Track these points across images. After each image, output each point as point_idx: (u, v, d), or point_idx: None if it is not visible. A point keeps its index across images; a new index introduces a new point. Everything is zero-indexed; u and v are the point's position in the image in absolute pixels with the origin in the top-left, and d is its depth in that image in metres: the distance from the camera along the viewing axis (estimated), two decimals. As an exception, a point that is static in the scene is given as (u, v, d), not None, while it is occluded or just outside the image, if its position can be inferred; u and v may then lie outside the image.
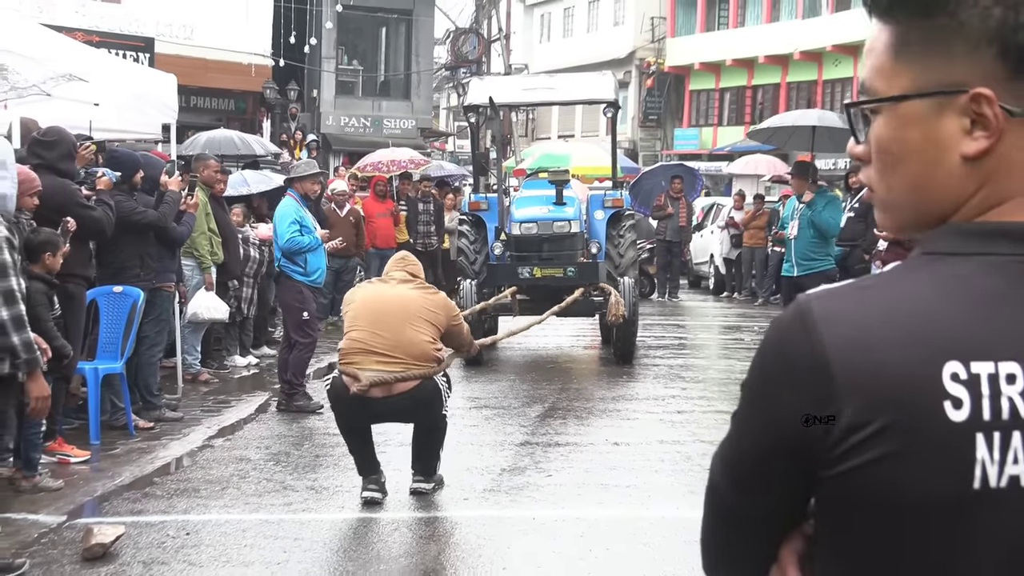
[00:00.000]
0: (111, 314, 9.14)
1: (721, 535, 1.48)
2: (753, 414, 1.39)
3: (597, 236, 13.60)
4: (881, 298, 1.32)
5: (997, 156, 1.32)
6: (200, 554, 6.30)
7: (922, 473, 1.26)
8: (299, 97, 31.96)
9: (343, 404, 7.18)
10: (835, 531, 1.34)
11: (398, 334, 7.04)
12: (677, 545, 6.46)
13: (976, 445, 1.26)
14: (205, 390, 11.42)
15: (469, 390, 11.58)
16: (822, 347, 1.30)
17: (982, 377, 1.26)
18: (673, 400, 11.14)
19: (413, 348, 7.05)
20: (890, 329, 1.29)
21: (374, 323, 7.09)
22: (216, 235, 11.57)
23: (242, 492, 7.67)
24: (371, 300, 7.25)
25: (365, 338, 7.07)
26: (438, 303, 7.31)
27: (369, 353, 7.04)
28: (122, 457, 8.54)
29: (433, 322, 7.18)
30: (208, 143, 17.08)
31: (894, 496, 1.27)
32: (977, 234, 1.32)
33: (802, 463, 1.33)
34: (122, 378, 9.25)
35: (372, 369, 7.00)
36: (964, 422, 1.26)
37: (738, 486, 1.42)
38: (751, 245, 21.92)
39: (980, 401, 1.26)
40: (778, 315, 1.40)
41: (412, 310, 7.14)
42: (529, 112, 45.97)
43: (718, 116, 44.17)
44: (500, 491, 7.67)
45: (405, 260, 7.64)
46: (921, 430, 1.26)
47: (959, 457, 1.26)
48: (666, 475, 8.12)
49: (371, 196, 18.33)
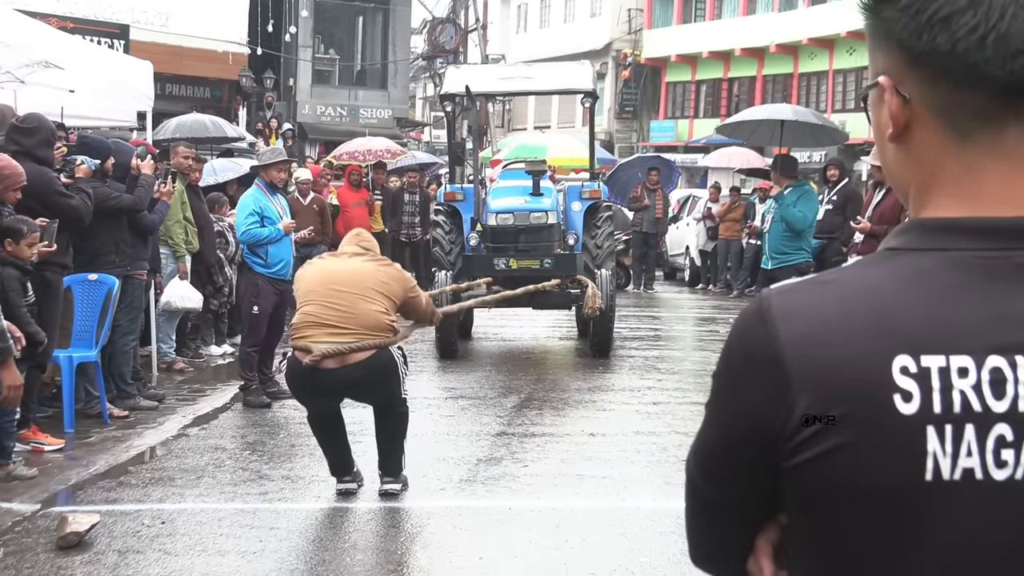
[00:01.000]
0: (86, 302, 9.09)
1: (701, 525, 1.50)
2: (720, 405, 1.43)
3: (574, 227, 13.45)
4: (839, 293, 1.34)
5: (916, 145, 1.39)
6: (175, 543, 6.29)
7: (875, 464, 1.28)
8: (275, 86, 31.87)
9: (297, 379, 7.03)
10: (801, 522, 1.37)
11: (351, 306, 6.88)
12: (653, 535, 6.48)
13: (927, 437, 1.27)
14: (180, 379, 11.39)
15: (445, 380, 11.58)
16: (778, 342, 1.33)
17: (932, 371, 1.28)
18: (649, 391, 11.16)
19: (367, 319, 6.88)
20: (844, 324, 1.31)
21: (326, 296, 6.92)
22: (191, 224, 11.52)
23: (217, 481, 7.65)
24: (323, 273, 7.07)
25: (317, 311, 6.90)
26: (392, 274, 7.13)
27: (321, 326, 6.87)
28: (97, 446, 8.50)
29: (388, 294, 7.00)
30: (179, 127, 16.96)
31: (849, 486, 1.30)
32: (937, 230, 1.35)
33: (765, 454, 1.36)
34: (96, 366, 9.21)
35: (325, 341, 6.83)
36: (914, 415, 1.27)
37: (709, 476, 1.45)
38: (727, 237, 21.99)
39: (930, 394, 1.27)
40: (743, 308, 1.45)
41: (366, 282, 6.96)
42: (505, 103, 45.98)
43: (694, 108, 44.25)
44: (476, 481, 7.67)
45: (359, 236, 7.45)
46: (872, 422, 1.28)
47: (910, 449, 1.28)
48: (642, 466, 8.14)
49: (345, 185, 18.25)
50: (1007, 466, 1.27)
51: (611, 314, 12.78)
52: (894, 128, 1.39)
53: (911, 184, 1.42)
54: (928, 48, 1.33)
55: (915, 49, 1.34)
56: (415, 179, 19.70)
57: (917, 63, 1.35)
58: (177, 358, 11.87)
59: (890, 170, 1.46)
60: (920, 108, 1.37)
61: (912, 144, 1.39)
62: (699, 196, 24.81)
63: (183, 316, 11.95)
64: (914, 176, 1.41)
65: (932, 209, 1.38)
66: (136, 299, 9.90)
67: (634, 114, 46.41)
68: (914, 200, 1.42)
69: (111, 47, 20.19)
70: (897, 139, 1.40)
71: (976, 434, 1.27)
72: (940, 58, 1.32)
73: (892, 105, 1.38)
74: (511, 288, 12.62)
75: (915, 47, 1.34)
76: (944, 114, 1.35)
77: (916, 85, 1.36)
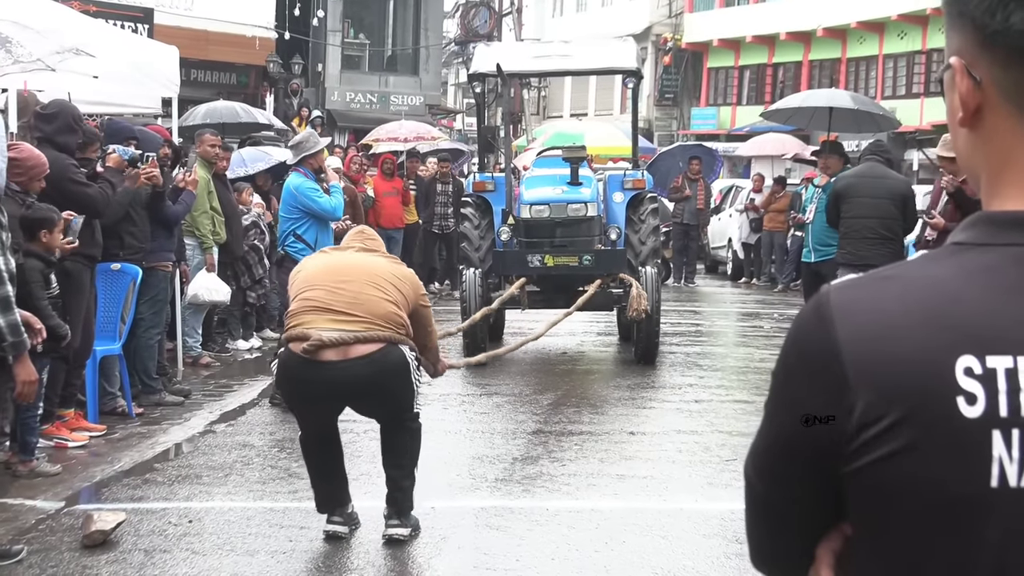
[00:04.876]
0: (108, 293, 9.12)
1: (759, 528, 1.49)
2: (776, 406, 1.42)
3: (616, 221, 12.65)
4: (901, 288, 1.33)
5: (987, 131, 1.37)
6: (203, 542, 6.33)
7: (937, 469, 1.27)
8: (303, 71, 31.93)
9: (291, 378, 6.16)
10: (864, 529, 1.36)
11: (359, 291, 6.05)
12: (695, 538, 6.47)
13: (992, 442, 1.26)
14: (206, 374, 11.46)
15: (478, 376, 11.58)
16: (835, 338, 1.32)
17: (999, 372, 1.26)
18: (690, 389, 11.14)
19: (377, 308, 6.02)
20: (905, 319, 1.30)
21: (331, 280, 6.12)
22: (219, 214, 11.57)
23: (245, 479, 7.69)
24: (327, 264, 6.35)
25: (319, 296, 6.07)
26: (406, 274, 6.38)
27: (323, 311, 6.02)
28: (121, 442, 8.57)
29: (400, 289, 6.17)
30: (208, 113, 17.02)
31: (911, 492, 1.28)
32: (1006, 223, 1.33)
33: (823, 456, 1.35)
34: (120, 360, 9.27)
35: (326, 328, 5.96)
36: (979, 418, 1.26)
37: (763, 476, 1.45)
38: (771, 229, 21.88)
39: (996, 397, 1.25)
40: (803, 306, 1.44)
41: (377, 272, 6.19)
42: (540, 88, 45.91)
43: (737, 95, 44.02)
44: (512, 481, 7.67)
45: (363, 233, 6.80)
46: (934, 425, 1.27)
47: (974, 454, 1.26)
48: (684, 466, 8.13)
49: (378, 174, 18.28)
50: None
51: (657, 316, 12.06)
52: (964, 112, 1.38)
53: (983, 172, 1.40)
54: (1001, 28, 1.32)
55: (988, 29, 1.33)
56: (447, 168, 19.64)
57: (990, 44, 1.33)
58: (203, 353, 11.94)
59: (962, 157, 1.45)
60: (992, 91, 1.35)
61: (983, 130, 1.38)
62: (742, 186, 24.72)
63: (210, 309, 12.02)
64: (985, 163, 1.39)
65: (1001, 200, 1.36)
66: (160, 291, 9.95)
67: (674, 101, 46.22)
68: (985, 189, 1.40)
69: (135, 31, 20.31)
70: (968, 124, 1.38)
71: None
72: (1013, 38, 1.31)
73: (963, 88, 1.37)
74: (547, 287, 12.26)
75: (988, 26, 1.33)
76: (1016, 98, 1.34)
77: (988, 67, 1.35)
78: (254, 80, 30.46)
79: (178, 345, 11.39)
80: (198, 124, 15.35)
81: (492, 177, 13.38)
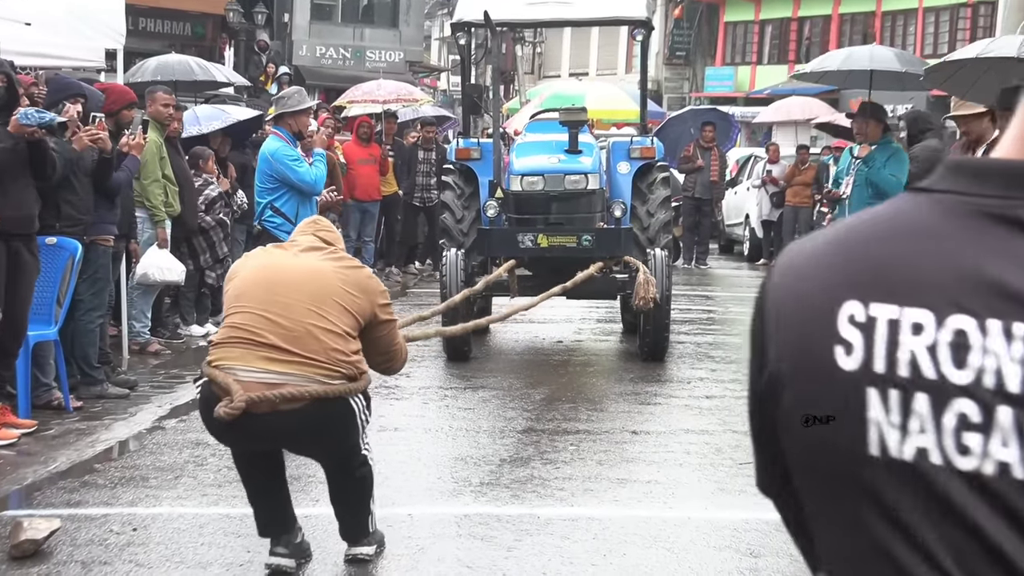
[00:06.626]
0: (43, 271, 9.05)
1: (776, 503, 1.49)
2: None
3: (621, 195, 12.32)
4: (825, 236, 1.35)
5: None
6: (149, 553, 6.32)
7: (825, 430, 1.26)
8: (268, 22, 31.86)
9: (213, 424, 5.82)
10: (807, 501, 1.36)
11: (299, 321, 5.68)
12: (704, 550, 6.49)
13: (867, 401, 1.23)
14: (155, 363, 11.44)
15: (462, 367, 11.58)
16: (764, 291, 1.37)
17: (879, 320, 1.23)
18: (701, 383, 11.17)
19: (318, 345, 5.67)
20: (808, 267, 1.32)
21: (266, 304, 5.73)
22: (172, 183, 11.52)
23: (198, 482, 7.69)
24: (265, 272, 5.93)
25: (251, 323, 5.71)
26: (361, 282, 5.91)
27: (255, 345, 5.69)
28: (57, 439, 8.55)
29: (351, 309, 5.79)
30: (159, 69, 16.92)
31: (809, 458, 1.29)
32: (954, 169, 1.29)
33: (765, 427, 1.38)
34: (56, 346, 9.24)
35: (256, 369, 5.65)
36: (854, 371, 1.24)
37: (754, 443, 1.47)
38: (795, 204, 21.90)
39: (872, 349, 1.23)
40: None
41: (324, 288, 5.78)
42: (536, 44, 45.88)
43: (757, 53, 44.06)
44: (500, 485, 7.68)
45: (318, 223, 6.40)
46: (815, 377, 1.27)
47: (851, 412, 1.24)
48: (692, 469, 8.15)
49: (353, 139, 18.24)
50: (971, 454, 1.17)
51: (668, 307, 11.75)
52: None
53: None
54: None
55: None
56: (432, 133, 19.61)
57: None
58: (152, 339, 11.92)
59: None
60: None
61: None
62: (761, 156, 24.74)
63: (161, 291, 11.99)
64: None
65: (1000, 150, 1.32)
66: (102, 269, 9.89)
67: (686, 60, 46.27)
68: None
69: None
70: None
71: (931, 407, 1.20)
72: None
73: None
74: (540, 271, 11.93)
75: None
76: None
77: None
78: (212, 31, 30.41)
79: (123, 330, 11.37)
80: (147, 81, 15.26)
81: (478, 143, 12.96)
